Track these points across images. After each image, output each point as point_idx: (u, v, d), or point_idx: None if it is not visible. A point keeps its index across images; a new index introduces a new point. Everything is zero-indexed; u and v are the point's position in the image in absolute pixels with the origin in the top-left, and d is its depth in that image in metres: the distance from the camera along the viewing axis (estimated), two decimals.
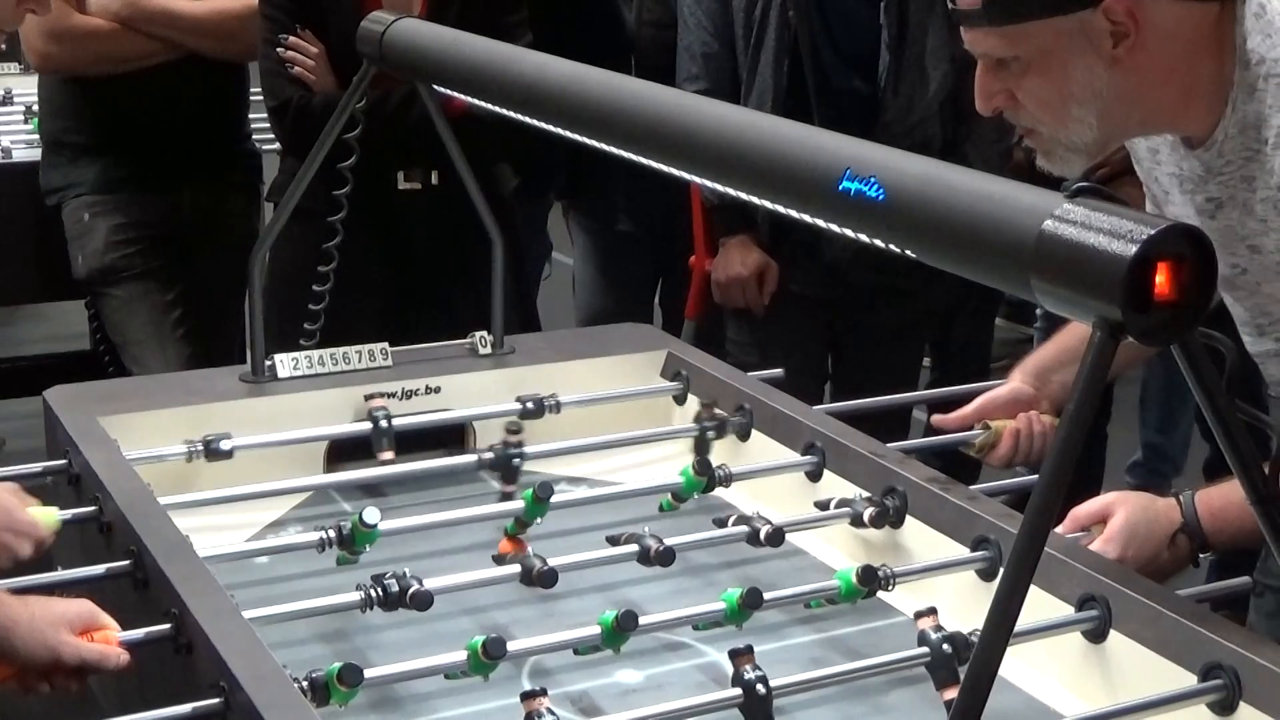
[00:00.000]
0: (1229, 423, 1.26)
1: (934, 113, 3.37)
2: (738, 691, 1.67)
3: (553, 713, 1.61)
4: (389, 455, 2.40)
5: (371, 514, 1.99)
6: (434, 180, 3.28)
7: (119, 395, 2.48)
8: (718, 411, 2.47)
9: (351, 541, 2.01)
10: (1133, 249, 1.18)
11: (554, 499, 2.13)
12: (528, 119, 2.06)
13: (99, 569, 1.93)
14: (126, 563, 1.91)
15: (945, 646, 1.77)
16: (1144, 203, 2.14)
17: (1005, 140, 3.52)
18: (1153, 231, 1.19)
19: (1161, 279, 1.19)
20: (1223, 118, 1.84)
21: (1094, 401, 1.22)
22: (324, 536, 2.01)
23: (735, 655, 1.70)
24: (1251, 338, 2.06)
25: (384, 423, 2.41)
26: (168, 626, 1.76)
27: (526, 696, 1.63)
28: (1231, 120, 1.84)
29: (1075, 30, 1.77)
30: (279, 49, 3.23)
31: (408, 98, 3.10)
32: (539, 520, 2.14)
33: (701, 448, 2.44)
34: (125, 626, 1.76)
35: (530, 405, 2.49)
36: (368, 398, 2.47)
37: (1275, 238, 1.87)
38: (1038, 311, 4.83)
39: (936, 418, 2.43)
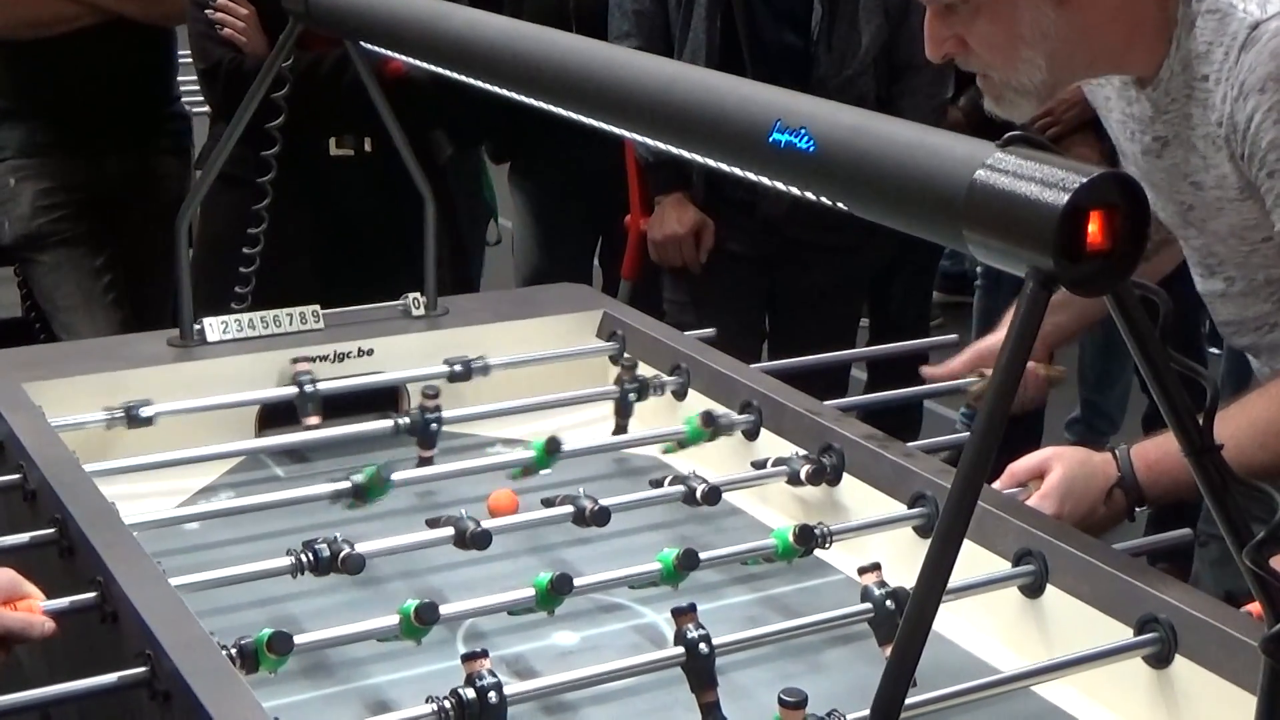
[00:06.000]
0: (1163, 374, 1.24)
1: (868, 67, 3.36)
2: (680, 650, 1.65)
3: (494, 674, 1.58)
4: (315, 420, 2.37)
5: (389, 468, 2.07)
6: (367, 147, 3.24)
7: (44, 361, 2.43)
8: (639, 373, 2.45)
9: (365, 494, 2.06)
10: (1065, 198, 1.16)
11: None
12: (459, 76, 2.03)
13: (23, 537, 1.89)
14: (51, 531, 1.88)
15: (888, 603, 1.75)
16: (1097, 161, 2.13)
17: (939, 95, 3.52)
18: (1084, 180, 1.16)
19: (1094, 228, 1.17)
20: (1167, 56, 1.85)
21: (1025, 353, 1.20)
22: (340, 489, 2.05)
23: (678, 614, 1.68)
24: (1201, 278, 2.06)
25: (309, 388, 2.38)
26: (93, 595, 1.73)
27: (467, 658, 1.60)
28: (1175, 58, 1.85)
29: None
30: (208, 10, 3.19)
31: (341, 61, 3.05)
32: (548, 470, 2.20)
33: (623, 410, 2.43)
34: (50, 596, 1.73)
35: (458, 368, 2.46)
36: (294, 361, 2.43)
37: (1215, 174, 1.88)
38: (978, 269, 4.84)
39: (925, 369, 2.42)
